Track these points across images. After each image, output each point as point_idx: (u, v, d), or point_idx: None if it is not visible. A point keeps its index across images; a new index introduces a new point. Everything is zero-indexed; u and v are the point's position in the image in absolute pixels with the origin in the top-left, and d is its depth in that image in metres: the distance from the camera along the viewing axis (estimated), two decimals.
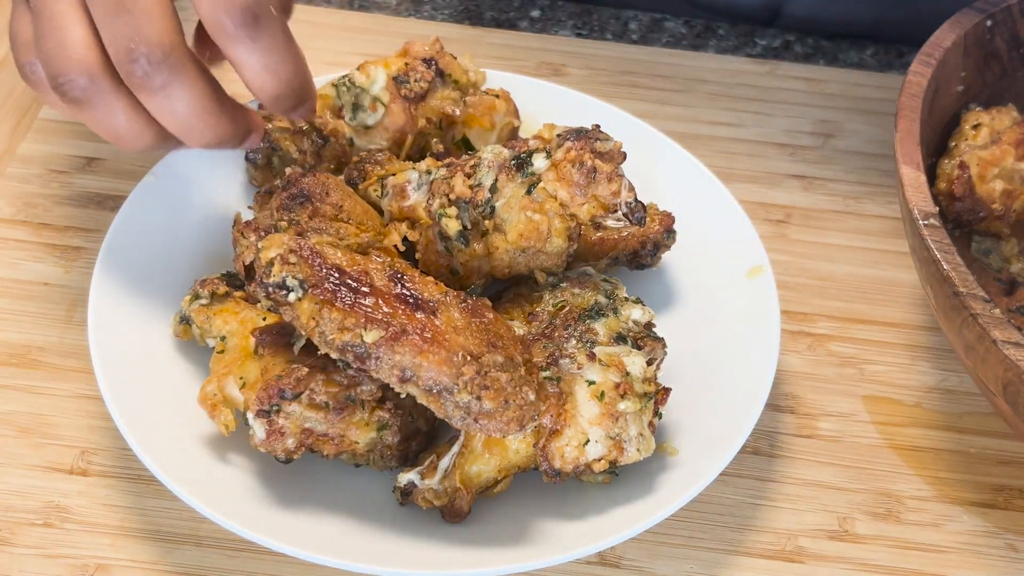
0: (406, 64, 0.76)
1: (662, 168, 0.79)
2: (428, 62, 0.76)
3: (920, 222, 0.65)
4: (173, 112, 0.59)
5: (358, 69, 0.76)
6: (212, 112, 0.60)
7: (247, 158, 0.75)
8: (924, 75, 0.72)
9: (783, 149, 0.90)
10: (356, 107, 0.75)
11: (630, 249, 0.73)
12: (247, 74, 0.59)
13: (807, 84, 0.95)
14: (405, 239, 0.68)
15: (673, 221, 0.73)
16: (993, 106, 0.79)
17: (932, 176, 0.77)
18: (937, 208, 0.66)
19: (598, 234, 0.72)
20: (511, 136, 0.78)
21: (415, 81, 0.75)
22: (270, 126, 0.74)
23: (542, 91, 0.82)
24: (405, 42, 0.78)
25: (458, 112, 0.76)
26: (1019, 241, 0.79)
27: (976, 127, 0.77)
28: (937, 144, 0.78)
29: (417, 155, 0.76)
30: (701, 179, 0.78)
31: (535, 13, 1.00)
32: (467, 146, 0.77)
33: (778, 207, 0.86)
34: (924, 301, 0.80)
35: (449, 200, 0.66)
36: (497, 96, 0.77)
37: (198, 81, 0.58)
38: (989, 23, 0.76)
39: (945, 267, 0.63)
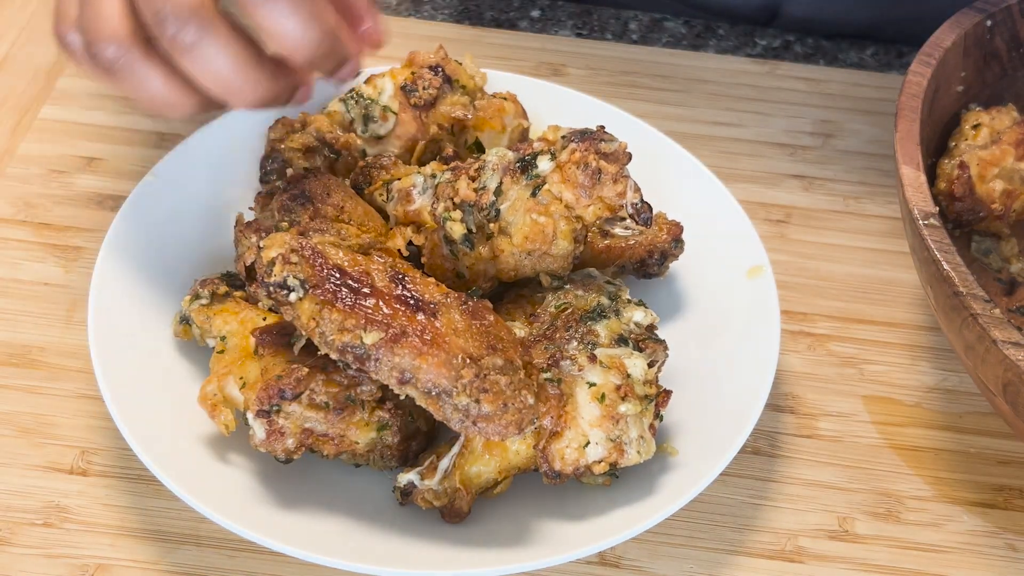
0: (412, 73, 0.76)
1: (662, 168, 0.79)
2: (435, 69, 0.76)
3: (920, 222, 0.65)
4: (209, 71, 0.58)
5: (365, 82, 0.76)
6: (251, 67, 0.59)
7: (262, 180, 0.75)
8: (924, 75, 0.72)
9: (783, 149, 0.90)
10: (367, 118, 0.75)
11: (637, 258, 0.73)
12: (273, 39, 0.58)
13: (807, 84, 0.95)
14: (410, 243, 0.68)
15: (681, 231, 0.73)
16: (993, 106, 0.79)
17: (932, 176, 0.77)
18: (937, 208, 0.66)
19: (605, 242, 0.72)
20: (522, 137, 0.78)
21: (423, 89, 0.75)
22: (282, 146, 0.74)
23: (542, 91, 0.82)
24: (409, 52, 0.78)
25: (469, 116, 0.76)
26: (1019, 241, 0.79)
27: (976, 127, 0.77)
28: (937, 144, 0.78)
29: (430, 162, 0.76)
30: (701, 179, 0.78)
31: (535, 13, 1.00)
32: (479, 149, 0.77)
33: (778, 207, 0.86)
34: (924, 301, 0.80)
35: (454, 204, 0.66)
36: (505, 98, 0.77)
37: (231, 36, 0.58)
38: (989, 23, 0.76)
39: (945, 267, 0.63)
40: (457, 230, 0.66)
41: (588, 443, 0.61)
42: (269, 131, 0.76)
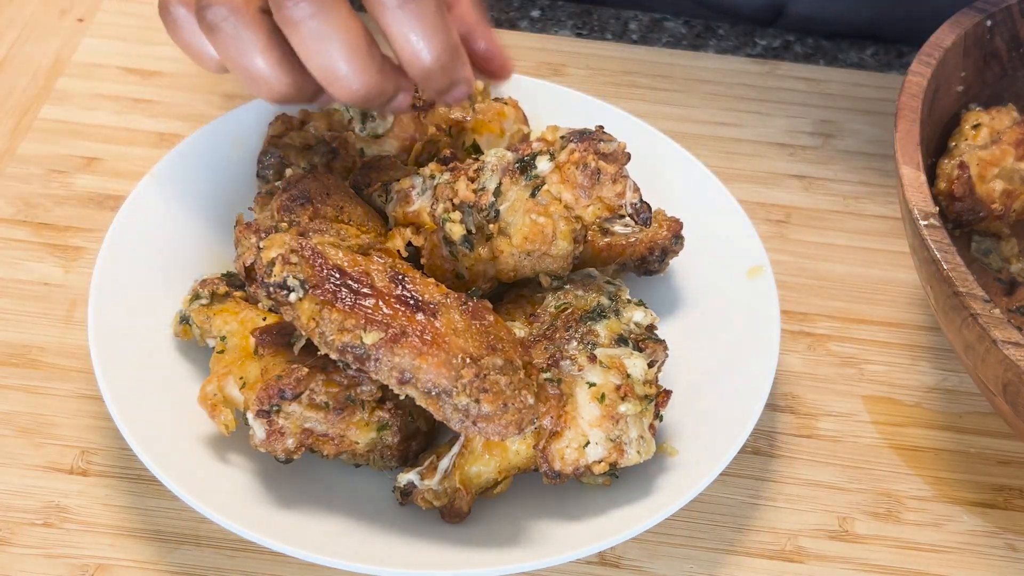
0: None
1: (662, 168, 0.79)
2: None
3: (920, 222, 0.65)
4: (317, 49, 0.57)
5: None
6: (363, 55, 0.58)
7: (259, 175, 0.75)
8: (924, 75, 0.72)
9: (783, 149, 0.90)
10: (365, 117, 0.75)
11: (638, 255, 0.73)
12: (396, 44, 0.58)
13: (807, 84, 0.95)
14: (409, 244, 0.68)
15: (681, 227, 0.73)
16: (993, 106, 0.79)
17: (932, 176, 0.77)
18: (937, 208, 0.66)
19: (605, 240, 0.72)
20: (522, 143, 0.78)
21: (423, 90, 0.75)
22: (280, 142, 0.74)
23: (542, 91, 0.82)
24: None
25: (468, 118, 0.76)
26: (1019, 241, 0.79)
27: (976, 127, 0.77)
28: (937, 144, 0.78)
29: (427, 162, 0.76)
30: (701, 179, 0.78)
31: (535, 13, 1.00)
32: (477, 152, 0.77)
33: (778, 207, 0.86)
34: (924, 301, 0.80)
35: (453, 205, 0.66)
36: (506, 103, 0.77)
37: (350, 18, 0.57)
38: (989, 23, 0.76)
39: (945, 267, 0.63)
40: (456, 231, 0.66)
41: (588, 443, 0.61)
42: (268, 127, 0.76)
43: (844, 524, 0.69)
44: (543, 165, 0.65)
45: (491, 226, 0.66)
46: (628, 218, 0.65)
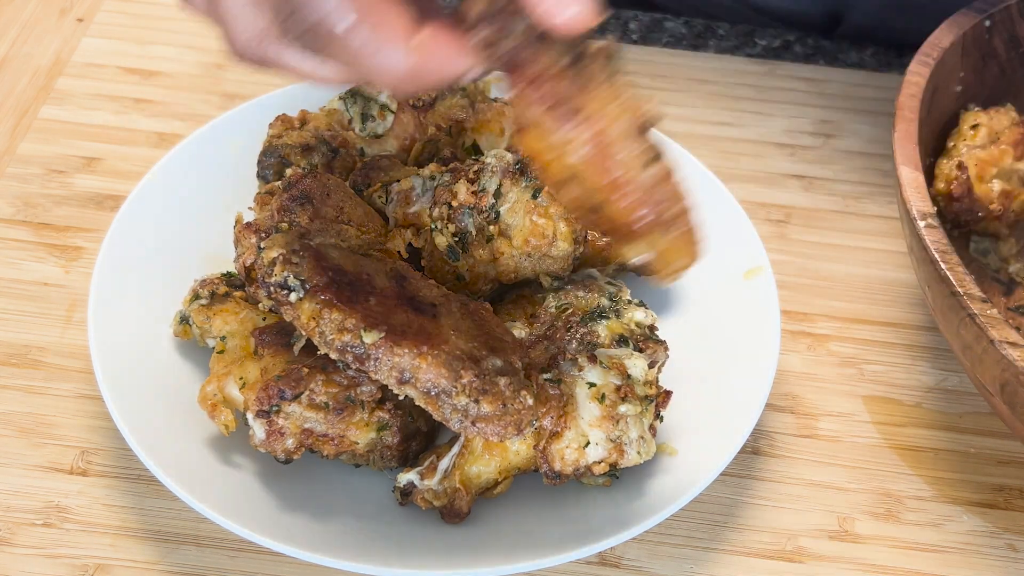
0: None
1: None
2: None
3: (918, 222, 0.65)
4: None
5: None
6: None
7: (259, 175, 0.75)
8: (923, 75, 0.73)
9: (783, 149, 0.90)
10: (365, 117, 0.75)
11: None
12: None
13: (807, 84, 0.95)
14: (409, 244, 0.68)
15: None
16: (992, 106, 0.79)
17: (931, 176, 0.77)
18: (935, 208, 0.66)
19: (605, 240, 0.72)
20: None
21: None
22: (280, 142, 0.74)
23: None
24: None
25: (468, 118, 0.76)
26: (1017, 241, 0.79)
27: (975, 127, 0.77)
28: (935, 144, 0.78)
29: (427, 162, 0.76)
30: (701, 179, 0.78)
31: None
32: (477, 152, 0.77)
33: (778, 207, 0.86)
34: (924, 301, 0.80)
35: (450, 207, 0.66)
36: (507, 103, 0.77)
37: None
38: (987, 23, 0.76)
39: (943, 267, 0.63)
40: (441, 241, 0.65)
41: (588, 443, 0.61)
42: (268, 127, 0.76)
43: (844, 524, 0.69)
44: None
45: (491, 227, 0.66)
46: None
